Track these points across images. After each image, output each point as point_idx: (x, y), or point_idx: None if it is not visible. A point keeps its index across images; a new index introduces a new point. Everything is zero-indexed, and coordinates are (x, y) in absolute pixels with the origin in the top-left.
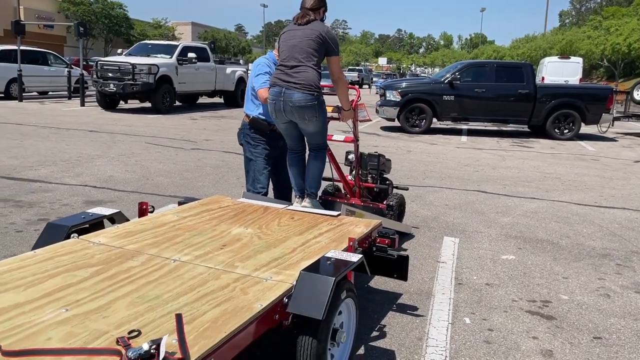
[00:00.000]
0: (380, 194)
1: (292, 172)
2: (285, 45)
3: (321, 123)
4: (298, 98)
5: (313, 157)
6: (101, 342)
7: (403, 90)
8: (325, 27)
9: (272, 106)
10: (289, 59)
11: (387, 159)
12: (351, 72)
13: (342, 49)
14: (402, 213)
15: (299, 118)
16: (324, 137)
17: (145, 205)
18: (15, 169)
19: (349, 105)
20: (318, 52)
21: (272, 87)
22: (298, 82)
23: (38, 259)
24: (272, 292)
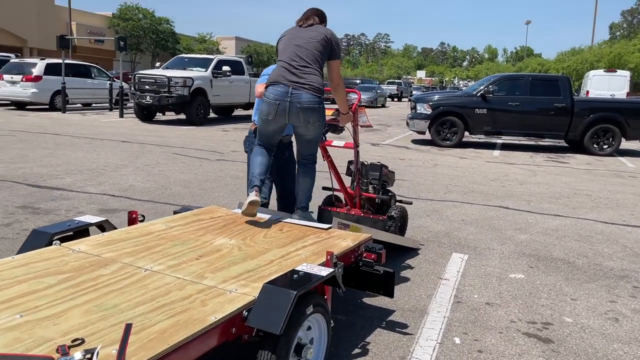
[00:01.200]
0: (382, 206)
1: (257, 160)
2: (288, 44)
3: (320, 129)
4: (308, 99)
5: (302, 172)
6: (43, 349)
7: (434, 103)
8: (330, 30)
9: (273, 106)
10: (294, 58)
11: (391, 171)
12: (390, 85)
13: (384, 63)
14: (404, 226)
15: (303, 121)
16: (317, 146)
17: (135, 214)
18: (42, 177)
19: (347, 109)
20: (323, 55)
21: (273, 85)
22: (307, 83)
23: (13, 265)
24: (232, 305)
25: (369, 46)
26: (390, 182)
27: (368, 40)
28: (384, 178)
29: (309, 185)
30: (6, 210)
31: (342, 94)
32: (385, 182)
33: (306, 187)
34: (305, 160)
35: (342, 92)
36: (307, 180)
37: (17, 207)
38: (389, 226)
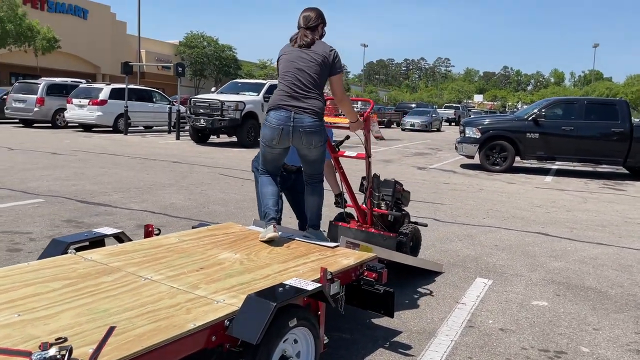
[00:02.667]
0: (394, 224)
1: (272, 189)
2: (289, 66)
3: (324, 150)
4: (310, 123)
5: (311, 191)
6: (28, 344)
7: (483, 127)
8: (328, 48)
9: (276, 131)
10: (295, 82)
11: (406, 190)
12: (447, 110)
13: (444, 87)
14: (417, 247)
15: (306, 144)
16: (322, 165)
17: (151, 227)
18: (92, 193)
19: (355, 117)
20: (322, 77)
21: (275, 110)
22: (309, 107)
23: (26, 270)
24: (214, 314)
25: (428, 70)
26: (405, 201)
27: (428, 64)
28: (398, 195)
29: (317, 203)
30: (52, 223)
31: (347, 106)
32: (398, 199)
33: (315, 206)
34: (311, 179)
35: (347, 104)
36: (315, 198)
37: (62, 221)
38: (400, 244)
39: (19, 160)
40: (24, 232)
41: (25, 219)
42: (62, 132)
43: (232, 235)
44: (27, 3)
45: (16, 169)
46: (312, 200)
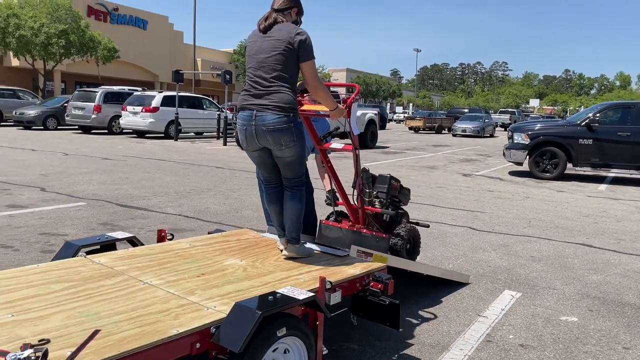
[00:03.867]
0: (390, 224)
1: (272, 209)
2: (251, 63)
3: (299, 149)
4: (272, 120)
5: (289, 196)
6: (12, 345)
7: (533, 132)
8: (293, 30)
9: (242, 133)
10: (258, 80)
11: (404, 187)
12: (502, 115)
13: (501, 91)
14: (416, 249)
15: (273, 144)
16: (301, 168)
17: (164, 232)
18: (132, 197)
19: (334, 104)
20: (290, 67)
21: (240, 111)
22: (271, 103)
23: (33, 271)
24: (200, 320)
25: (485, 75)
26: (404, 199)
27: (484, 68)
28: (393, 192)
29: (297, 212)
30: (88, 226)
31: (323, 94)
32: (395, 197)
33: (294, 215)
34: (289, 183)
35: (323, 92)
36: (295, 205)
37: (99, 224)
38: (394, 246)
39: (71, 165)
40: (60, 234)
41: (65, 221)
42: (116, 138)
43: (244, 242)
44: (91, 15)
45: (66, 173)
46: (291, 208)
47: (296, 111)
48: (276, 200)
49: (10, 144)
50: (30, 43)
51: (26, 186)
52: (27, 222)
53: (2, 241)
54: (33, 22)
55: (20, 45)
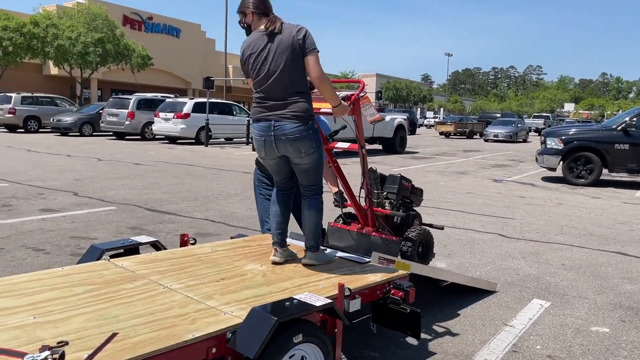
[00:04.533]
0: (402, 226)
1: (277, 210)
2: (259, 73)
3: (318, 156)
4: (292, 129)
5: (307, 205)
6: (32, 346)
7: (567, 137)
8: (295, 29)
9: (259, 143)
10: (272, 90)
11: (416, 187)
12: (535, 119)
13: (535, 96)
14: (428, 253)
15: (293, 152)
16: (319, 175)
17: (187, 237)
18: (161, 202)
19: (337, 100)
20: (300, 70)
21: (257, 122)
22: (289, 113)
23: (58, 274)
24: (217, 325)
25: (518, 79)
26: (416, 201)
27: (518, 72)
28: (404, 193)
29: (314, 220)
30: (117, 230)
31: (327, 88)
32: (406, 197)
33: (312, 223)
34: (308, 191)
35: (327, 86)
36: (313, 214)
37: (127, 228)
38: (405, 250)
39: (104, 170)
40: (90, 238)
41: (95, 225)
42: (149, 144)
43: (265, 247)
44: (126, 24)
45: (99, 178)
46: (309, 217)
47: (313, 118)
48: (285, 204)
49: (48, 149)
50: (68, 52)
51: (60, 191)
52: (59, 226)
53: (35, 244)
54: (71, 31)
55: (59, 55)
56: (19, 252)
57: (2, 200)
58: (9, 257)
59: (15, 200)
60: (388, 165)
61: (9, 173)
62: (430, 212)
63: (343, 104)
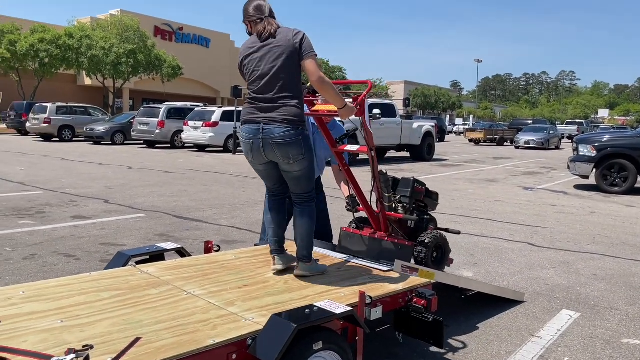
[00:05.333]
0: (417, 230)
1: (271, 217)
2: (253, 75)
3: (308, 162)
4: (280, 133)
5: (299, 213)
6: (58, 349)
7: (600, 144)
8: (292, 33)
9: (248, 145)
10: (264, 92)
11: (432, 191)
12: (569, 126)
13: (568, 102)
14: (444, 259)
15: (281, 158)
16: (311, 182)
17: (211, 243)
18: (189, 209)
19: (342, 102)
20: (294, 75)
21: (246, 124)
22: (279, 116)
23: (86, 279)
24: (238, 331)
25: (551, 85)
26: (430, 205)
27: (550, 78)
28: (417, 196)
29: (307, 229)
30: (145, 237)
31: (328, 90)
32: (419, 201)
33: (304, 232)
34: (298, 199)
35: (329, 88)
36: (305, 222)
37: (155, 235)
38: (419, 256)
39: (134, 178)
40: (119, 244)
41: (124, 232)
42: (178, 152)
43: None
44: (157, 35)
45: (129, 186)
46: (301, 226)
47: (304, 124)
48: (279, 210)
49: (81, 158)
50: (101, 62)
51: (91, 198)
52: (90, 233)
53: (66, 250)
54: (104, 42)
55: (92, 65)
56: (50, 258)
57: (37, 207)
58: (41, 263)
59: (48, 207)
60: (415, 172)
61: (44, 181)
62: (458, 220)
63: (349, 105)
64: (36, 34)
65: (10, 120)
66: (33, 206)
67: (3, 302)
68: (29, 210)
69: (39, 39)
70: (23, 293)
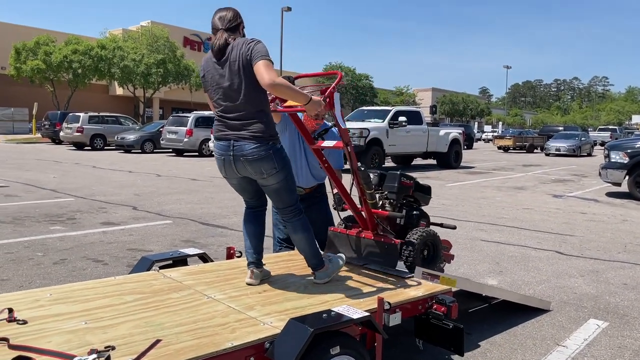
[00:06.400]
0: (407, 228)
1: (247, 230)
2: (216, 91)
3: (283, 175)
4: (250, 150)
5: (292, 229)
6: (81, 349)
7: (633, 151)
8: (245, 47)
9: (220, 161)
10: (231, 110)
11: (423, 185)
12: (601, 132)
13: (601, 108)
14: (435, 257)
15: (254, 173)
16: (292, 195)
17: (233, 250)
18: (214, 216)
19: (305, 98)
20: (256, 87)
21: (217, 140)
22: (248, 134)
23: (111, 283)
24: (255, 335)
25: (583, 90)
26: (422, 200)
27: (582, 84)
28: (405, 191)
29: (306, 241)
30: (172, 243)
31: (284, 91)
32: (409, 196)
33: (305, 245)
34: (286, 214)
35: (284, 89)
36: (301, 236)
37: (181, 241)
38: (407, 256)
39: (162, 185)
40: (146, 250)
41: (152, 238)
42: (205, 160)
43: None
44: (186, 45)
45: (158, 193)
46: (299, 240)
47: (275, 137)
48: (257, 222)
49: (111, 166)
50: (132, 73)
51: (121, 205)
52: (118, 239)
53: (94, 256)
54: (135, 53)
55: (124, 75)
56: (79, 262)
57: (68, 214)
58: (71, 267)
59: (79, 214)
60: (442, 180)
61: (75, 188)
62: (484, 228)
63: (314, 99)
64: (70, 46)
65: (45, 130)
66: (64, 212)
67: (31, 304)
68: (61, 216)
69: (73, 50)
70: (50, 295)
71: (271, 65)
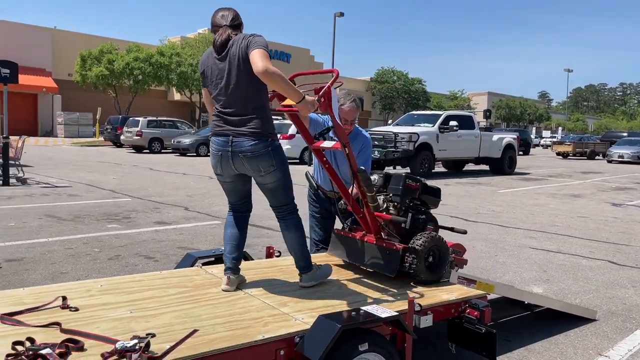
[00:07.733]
0: (413, 232)
1: (230, 233)
2: (215, 87)
3: (280, 174)
4: (249, 146)
5: (285, 227)
6: (125, 336)
7: None
8: (244, 42)
9: (216, 158)
10: (230, 105)
11: (431, 187)
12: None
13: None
14: (442, 264)
15: (252, 171)
16: (288, 193)
17: (272, 249)
18: (261, 218)
19: (299, 95)
20: (255, 83)
21: (215, 136)
22: (247, 130)
23: (157, 277)
24: (286, 329)
25: None
26: (430, 202)
27: None
28: (410, 194)
29: (297, 240)
30: (219, 242)
31: (278, 83)
32: (415, 199)
33: (295, 244)
34: (280, 212)
35: (278, 80)
36: (292, 235)
37: None
38: (410, 263)
39: (213, 187)
40: (194, 248)
41: (200, 238)
42: None
43: (342, 262)
44: None
45: (208, 195)
46: (290, 239)
47: (274, 135)
48: (240, 226)
49: (167, 168)
50: (189, 79)
51: (173, 205)
52: (169, 237)
53: (147, 253)
54: (192, 59)
55: (181, 81)
56: (132, 259)
57: (124, 213)
58: (124, 263)
59: (134, 213)
60: (494, 186)
61: (133, 189)
62: (533, 236)
63: (308, 98)
64: (131, 53)
65: (107, 133)
66: (121, 212)
67: (83, 293)
68: (117, 215)
69: (134, 57)
70: (101, 286)
71: (267, 55)
